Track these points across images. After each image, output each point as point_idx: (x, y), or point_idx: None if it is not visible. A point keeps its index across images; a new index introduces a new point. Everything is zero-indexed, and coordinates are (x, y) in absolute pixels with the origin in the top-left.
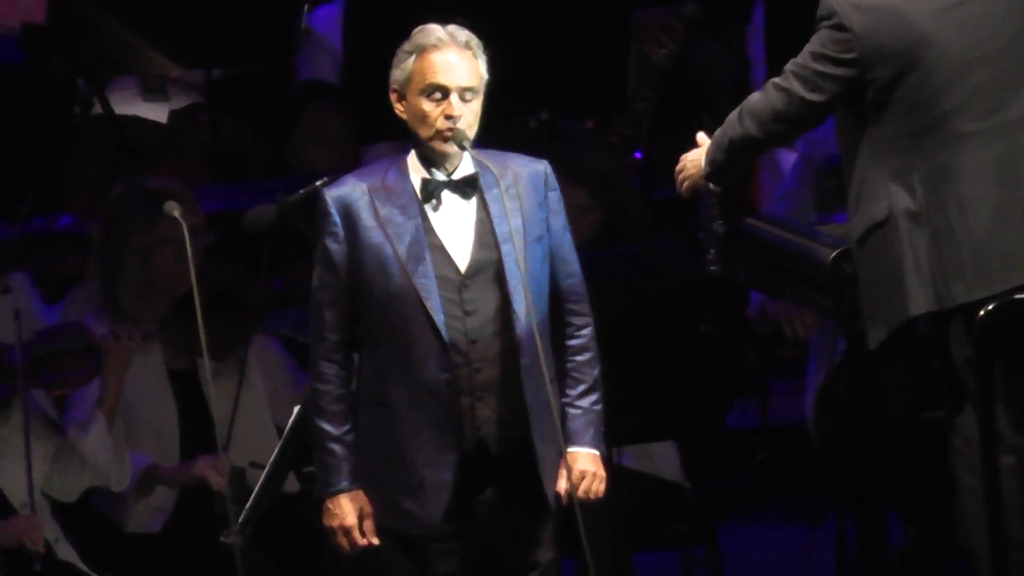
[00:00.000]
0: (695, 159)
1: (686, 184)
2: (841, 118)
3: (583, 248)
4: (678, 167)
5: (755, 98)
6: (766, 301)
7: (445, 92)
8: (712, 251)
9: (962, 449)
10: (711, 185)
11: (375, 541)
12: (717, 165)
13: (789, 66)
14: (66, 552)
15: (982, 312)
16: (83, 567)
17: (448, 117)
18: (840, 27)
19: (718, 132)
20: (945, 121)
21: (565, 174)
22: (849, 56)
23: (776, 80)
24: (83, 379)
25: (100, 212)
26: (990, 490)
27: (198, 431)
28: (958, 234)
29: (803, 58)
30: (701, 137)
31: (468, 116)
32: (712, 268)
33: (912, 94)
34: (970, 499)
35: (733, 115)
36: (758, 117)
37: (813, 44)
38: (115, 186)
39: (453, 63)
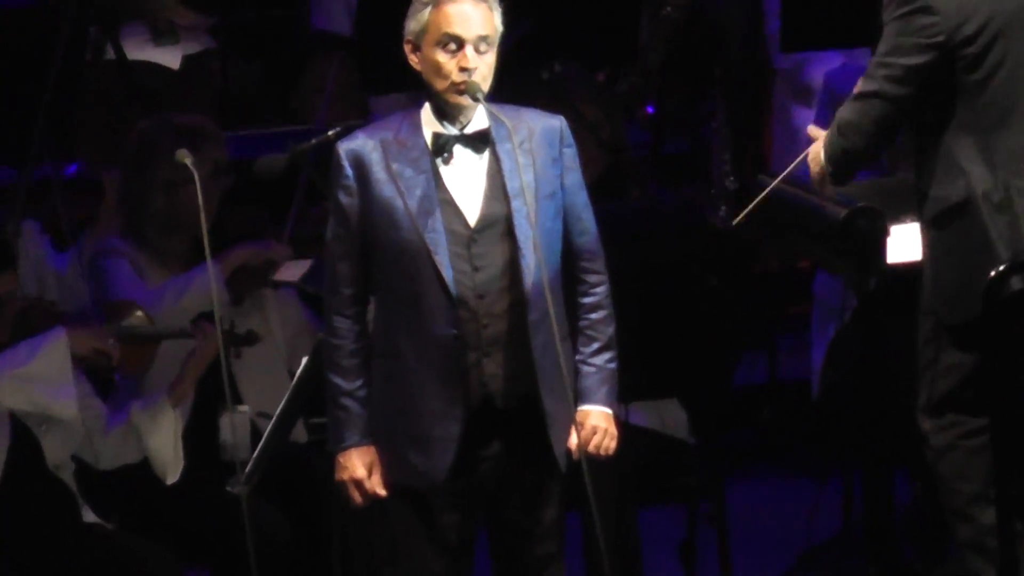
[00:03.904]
0: (816, 155)
1: (818, 182)
2: (918, 104)
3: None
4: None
5: (849, 111)
6: None
7: (460, 43)
8: (723, 207)
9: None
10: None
11: (383, 493)
12: (838, 175)
13: (874, 70)
14: (90, 516)
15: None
16: (106, 524)
17: (463, 69)
18: (926, 10)
19: (826, 145)
20: None
21: (571, 124)
22: (937, 40)
23: (864, 89)
24: (136, 369)
25: (119, 152)
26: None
27: (215, 379)
28: None
29: (889, 55)
30: (812, 130)
31: (483, 68)
32: (723, 224)
33: (995, 74)
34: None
35: (832, 131)
36: (859, 128)
37: (896, 36)
38: (139, 123)
39: (469, 14)
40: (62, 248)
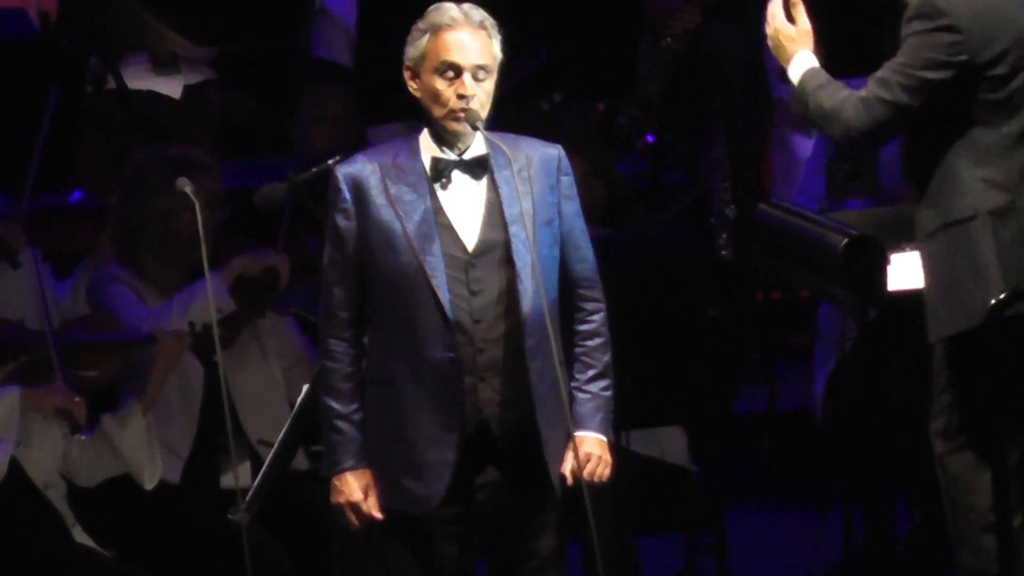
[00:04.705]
0: (783, 41)
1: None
2: (930, 115)
3: (593, 229)
4: (769, 23)
5: (851, 109)
6: None
7: (458, 71)
8: (723, 236)
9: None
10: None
11: (379, 516)
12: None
13: (889, 75)
14: (82, 536)
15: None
16: (101, 550)
17: (461, 96)
18: (951, 28)
19: (814, 107)
20: None
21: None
22: (960, 59)
23: (878, 93)
24: (105, 381)
25: (116, 182)
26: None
27: (217, 406)
28: None
29: (907, 66)
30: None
31: (481, 95)
32: (723, 253)
33: (1015, 95)
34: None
35: (832, 112)
36: (847, 125)
37: (916, 49)
38: (135, 153)
39: (467, 42)
40: (61, 276)
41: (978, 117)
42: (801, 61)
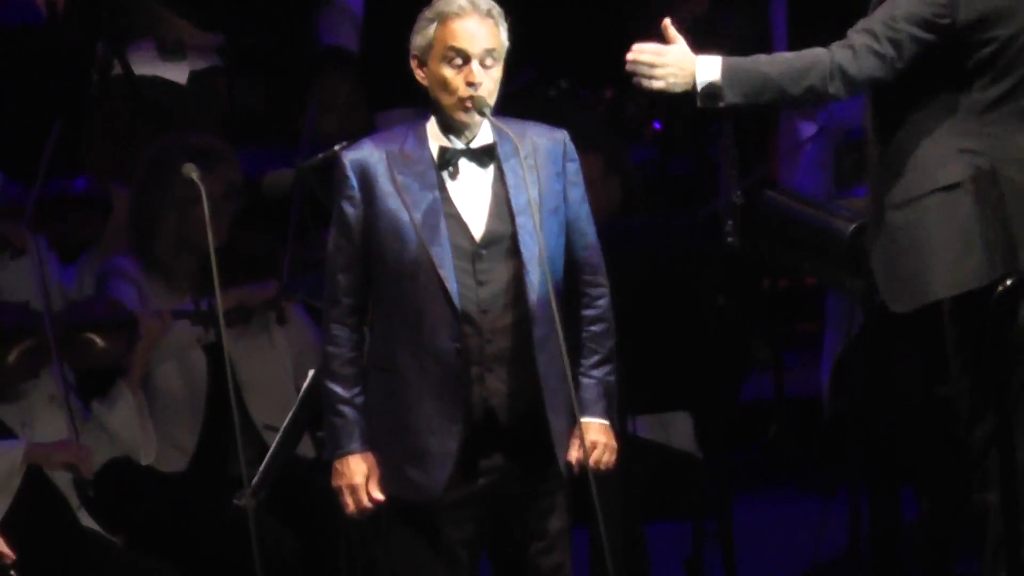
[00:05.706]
0: (682, 62)
1: (659, 85)
2: (898, 82)
3: (608, 218)
4: (659, 62)
5: (847, 59)
6: None
7: (466, 58)
8: (730, 223)
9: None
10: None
11: (380, 498)
12: (749, 102)
13: (880, 29)
14: (87, 520)
15: (1000, 288)
16: (106, 535)
17: (469, 83)
18: None
19: (778, 76)
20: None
21: (583, 143)
22: (944, 22)
23: (867, 43)
24: (112, 357)
25: (133, 170)
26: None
27: (224, 395)
28: None
29: (896, 21)
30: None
31: (489, 83)
32: (730, 240)
33: (994, 63)
34: None
35: (822, 66)
36: (852, 81)
37: (906, 5)
38: (154, 141)
39: (474, 29)
40: (67, 263)
41: (954, 83)
42: (709, 64)
